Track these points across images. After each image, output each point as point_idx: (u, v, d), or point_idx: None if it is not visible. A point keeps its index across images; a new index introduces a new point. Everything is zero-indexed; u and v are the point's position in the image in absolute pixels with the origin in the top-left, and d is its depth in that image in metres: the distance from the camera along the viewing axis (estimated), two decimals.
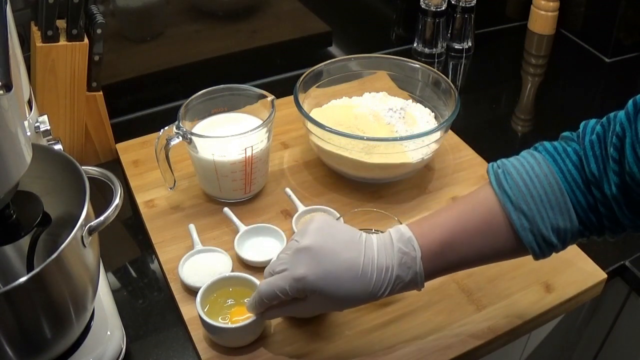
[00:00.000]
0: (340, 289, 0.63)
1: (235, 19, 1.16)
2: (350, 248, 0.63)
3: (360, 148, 0.89)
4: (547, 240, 0.61)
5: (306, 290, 0.63)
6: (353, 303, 0.66)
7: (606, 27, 1.29)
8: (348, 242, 0.64)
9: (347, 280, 0.62)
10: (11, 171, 0.56)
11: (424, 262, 0.63)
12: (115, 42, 1.05)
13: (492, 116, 1.18)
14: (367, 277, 0.62)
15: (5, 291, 0.54)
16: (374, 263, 0.63)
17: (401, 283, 0.63)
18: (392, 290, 0.63)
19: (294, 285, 0.63)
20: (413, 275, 0.63)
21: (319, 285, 0.62)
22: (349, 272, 0.62)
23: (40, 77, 0.90)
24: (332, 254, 0.63)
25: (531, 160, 0.63)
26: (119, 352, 0.72)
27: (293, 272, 0.63)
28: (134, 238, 0.92)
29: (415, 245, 0.63)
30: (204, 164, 0.88)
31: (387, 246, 0.63)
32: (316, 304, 0.65)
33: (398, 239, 0.64)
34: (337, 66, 1.03)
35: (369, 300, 0.64)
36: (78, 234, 0.60)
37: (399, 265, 0.63)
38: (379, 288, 0.63)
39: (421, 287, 0.65)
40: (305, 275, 0.62)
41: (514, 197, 0.61)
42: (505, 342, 0.78)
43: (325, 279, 0.62)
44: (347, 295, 0.63)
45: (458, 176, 0.98)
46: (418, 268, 0.63)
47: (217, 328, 0.71)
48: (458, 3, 1.26)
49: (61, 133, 0.95)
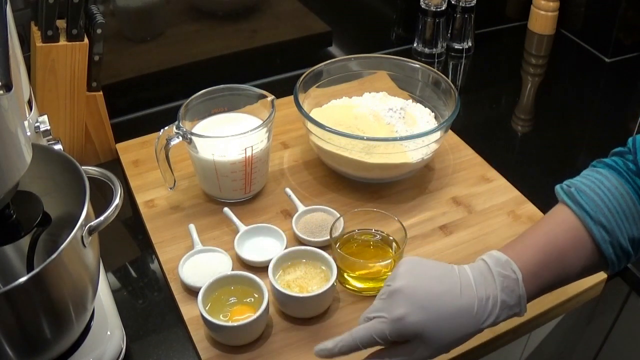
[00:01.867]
0: (443, 324, 0.60)
1: (235, 19, 1.16)
2: (444, 282, 0.61)
3: (360, 148, 0.89)
4: (625, 251, 0.63)
5: (407, 331, 0.60)
6: (458, 337, 0.61)
7: (606, 27, 1.29)
8: (441, 276, 0.62)
9: (447, 314, 0.59)
10: (11, 171, 0.56)
11: (525, 284, 0.61)
12: (115, 42, 1.05)
13: (492, 116, 1.18)
14: (468, 307, 0.60)
15: (5, 291, 0.54)
16: (472, 291, 0.60)
17: (506, 309, 0.61)
18: (498, 317, 0.61)
19: (394, 328, 0.60)
20: (517, 299, 0.61)
21: (420, 324, 0.59)
22: (447, 306, 0.60)
23: (40, 77, 0.90)
24: (428, 290, 0.60)
25: (598, 176, 0.64)
26: (119, 352, 0.72)
27: (391, 314, 0.60)
28: (134, 238, 0.92)
29: (514, 268, 0.61)
30: (204, 164, 0.88)
31: (485, 273, 0.61)
32: (419, 348, 0.61)
33: (495, 264, 0.62)
34: (337, 66, 1.03)
35: (475, 331, 0.61)
36: (78, 234, 0.60)
37: (502, 290, 0.60)
38: (482, 316, 0.60)
39: (524, 312, 0.62)
40: (405, 315, 0.59)
41: (592, 212, 0.62)
42: (505, 342, 0.78)
43: (425, 316, 0.59)
44: (451, 329, 0.60)
45: (458, 176, 0.98)
46: (521, 291, 0.61)
47: (219, 326, 0.71)
48: (458, 3, 1.26)
49: (61, 133, 0.95)
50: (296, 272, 0.79)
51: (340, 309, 0.78)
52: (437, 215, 0.91)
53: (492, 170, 0.99)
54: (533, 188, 0.96)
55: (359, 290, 0.80)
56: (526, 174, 1.01)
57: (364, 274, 0.79)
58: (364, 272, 0.79)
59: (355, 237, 0.84)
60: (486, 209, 0.92)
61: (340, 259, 0.79)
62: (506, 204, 0.93)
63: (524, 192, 0.95)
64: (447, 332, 0.60)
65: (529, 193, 0.94)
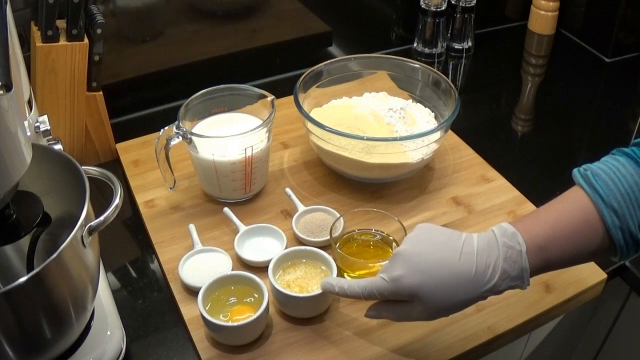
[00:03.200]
0: (439, 287, 0.62)
1: (235, 19, 1.16)
2: (445, 248, 0.64)
3: (360, 148, 0.89)
4: (635, 238, 0.63)
5: (403, 292, 0.63)
6: (456, 301, 0.63)
7: (606, 27, 1.29)
8: (444, 242, 0.64)
9: (444, 278, 0.62)
10: (11, 171, 0.56)
11: (529, 256, 0.63)
12: (115, 42, 1.05)
13: (492, 116, 1.18)
14: (466, 273, 0.62)
15: (5, 291, 0.54)
16: (472, 256, 0.62)
17: (507, 279, 0.62)
18: (497, 285, 0.62)
19: (391, 287, 0.64)
20: (519, 270, 0.63)
21: (415, 286, 0.63)
22: (444, 271, 0.62)
23: (40, 77, 0.90)
24: (427, 255, 0.63)
25: (615, 163, 0.65)
26: (119, 352, 0.72)
27: (390, 274, 0.64)
28: (134, 238, 0.92)
29: (519, 240, 0.63)
30: (204, 164, 0.88)
31: (491, 242, 0.63)
32: (417, 308, 0.64)
33: (501, 234, 0.64)
34: (337, 66, 1.03)
35: (474, 297, 0.63)
36: (78, 234, 0.60)
37: (505, 260, 0.62)
38: (481, 283, 0.62)
39: (527, 285, 0.64)
40: (400, 277, 0.63)
41: (605, 195, 0.63)
42: (505, 342, 0.78)
43: (421, 279, 0.62)
44: (448, 293, 0.62)
45: (458, 176, 0.98)
46: (524, 262, 0.63)
47: (219, 326, 0.71)
48: (458, 3, 1.26)
49: (61, 133, 0.95)
50: (296, 272, 0.79)
51: (340, 309, 0.78)
52: (437, 215, 0.91)
53: (492, 170, 0.99)
54: (533, 188, 0.96)
55: None
56: (526, 174, 1.01)
57: (364, 274, 0.79)
58: (364, 272, 0.79)
59: (355, 237, 0.84)
60: (486, 209, 0.92)
61: (340, 259, 0.79)
62: (506, 204, 0.93)
63: (524, 192, 0.95)
64: (443, 296, 0.63)
65: (529, 193, 0.94)
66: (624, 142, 0.68)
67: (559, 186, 0.99)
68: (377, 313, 0.70)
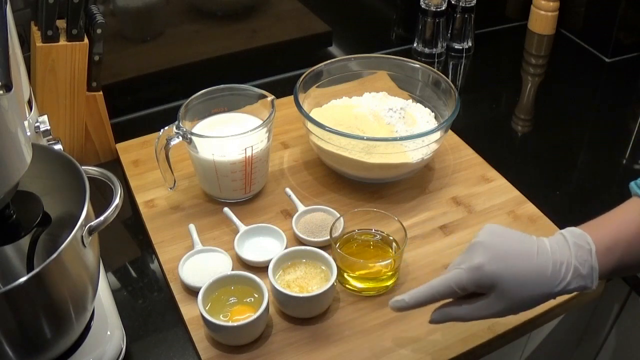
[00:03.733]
0: (519, 277, 0.62)
1: (235, 19, 1.16)
2: (523, 242, 0.64)
3: (360, 148, 0.89)
4: None
5: (484, 280, 0.62)
6: (533, 295, 0.63)
7: (606, 27, 1.29)
8: (521, 237, 0.65)
9: (524, 267, 0.62)
10: (11, 171, 0.56)
11: (598, 256, 0.63)
12: (115, 42, 1.05)
13: (492, 116, 1.18)
14: (543, 264, 0.63)
15: (5, 291, 0.54)
16: (548, 254, 0.63)
17: (578, 277, 0.63)
18: (569, 284, 0.63)
19: (472, 276, 0.63)
20: (589, 269, 0.63)
21: (497, 273, 0.62)
22: (525, 259, 0.63)
23: (40, 77, 0.90)
24: (507, 245, 0.64)
25: None
26: (119, 352, 0.72)
27: (470, 262, 0.63)
28: (134, 238, 0.92)
29: (589, 240, 0.64)
30: (204, 164, 0.88)
31: (561, 242, 0.64)
32: (496, 302, 0.63)
33: (571, 235, 0.65)
34: (337, 66, 1.03)
35: (548, 294, 0.63)
36: (78, 234, 0.60)
37: (576, 258, 0.63)
38: (556, 279, 0.63)
39: (595, 285, 0.64)
40: (483, 263, 0.62)
41: None
42: (505, 342, 0.78)
43: (502, 267, 0.62)
44: (526, 284, 0.62)
45: (458, 176, 0.98)
46: (593, 261, 0.63)
47: (219, 326, 0.72)
48: (458, 3, 1.26)
49: (61, 133, 0.95)
50: (296, 272, 0.79)
51: (340, 309, 0.78)
52: (437, 215, 0.91)
53: (492, 170, 0.99)
54: (533, 188, 0.96)
55: (359, 290, 0.80)
56: (526, 174, 1.01)
57: (364, 274, 0.79)
58: (364, 272, 0.79)
59: (355, 237, 0.84)
60: (486, 209, 0.92)
61: (340, 259, 0.79)
62: (506, 204, 0.93)
63: (524, 192, 0.95)
64: (521, 287, 0.62)
65: (529, 193, 0.94)
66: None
67: (559, 186, 1.00)
68: (445, 314, 0.67)
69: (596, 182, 1.01)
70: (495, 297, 0.63)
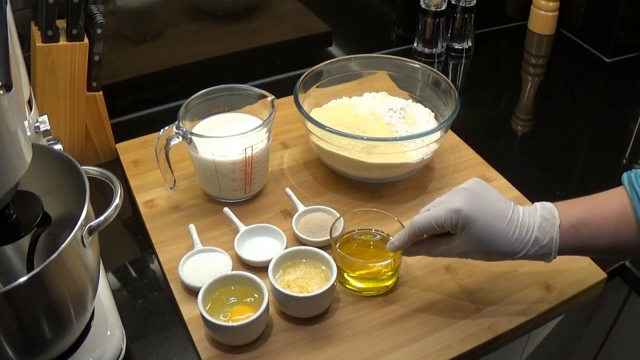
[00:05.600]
0: (488, 231, 0.68)
1: (235, 19, 1.16)
2: (502, 200, 0.71)
3: (360, 148, 0.89)
4: None
5: (459, 223, 0.68)
6: (495, 250, 0.69)
7: (606, 27, 1.29)
8: (500, 196, 0.71)
9: (495, 224, 0.68)
10: (11, 171, 0.56)
11: (561, 232, 0.68)
12: (115, 42, 1.05)
13: (492, 116, 1.18)
14: (511, 228, 0.68)
15: (5, 291, 0.54)
16: (519, 219, 0.69)
17: (537, 245, 0.68)
18: (528, 251, 0.69)
19: (449, 216, 0.69)
20: (549, 240, 0.68)
21: (471, 219, 0.68)
22: (498, 219, 0.68)
23: (40, 77, 0.90)
24: (487, 198, 0.70)
25: None
26: (119, 352, 0.72)
27: (451, 204, 0.69)
28: (134, 238, 0.92)
29: (555, 214, 0.69)
30: (204, 164, 0.88)
31: (531, 211, 0.70)
32: (462, 244, 0.70)
33: (541, 207, 0.70)
34: (337, 66, 1.03)
35: (507, 254, 0.69)
36: (78, 234, 0.60)
37: (539, 228, 0.68)
38: (519, 244, 0.68)
39: (553, 258, 0.69)
40: (462, 208, 0.68)
41: None
42: (505, 342, 0.78)
43: (477, 216, 0.68)
44: (492, 240, 0.69)
45: (458, 176, 0.98)
46: (555, 234, 0.68)
47: (219, 326, 0.71)
48: (458, 3, 1.26)
49: (61, 133, 0.95)
50: (296, 272, 0.79)
51: (340, 309, 0.78)
52: None
53: (492, 170, 0.99)
54: (533, 188, 0.96)
55: (359, 290, 0.80)
56: (526, 174, 1.01)
57: (364, 274, 0.79)
58: (364, 272, 0.79)
59: (355, 237, 0.84)
60: None
61: (340, 259, 0.79)
62: None
63: (524, 192, 0.95)
64: (489, 240, 0.69)
65: (529, 193, 0.94)
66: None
67: (559, 186, 1.00)
68: (415, 249, 0.75)
69: (596, 182, 1.01)
70: (464, 239, 0.70)
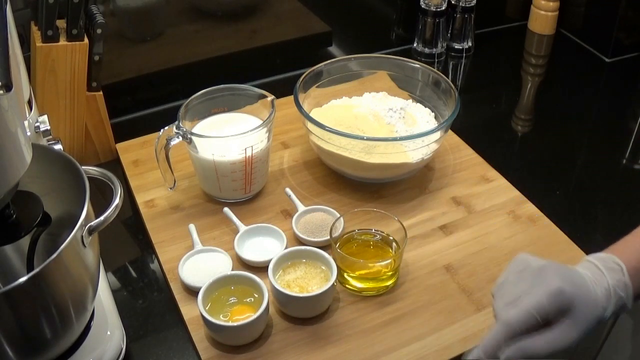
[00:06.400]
0: (587, 299, 0.60)
1: (235, 19, 1.16)
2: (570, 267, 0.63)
3: (360, 148, 0.89)
4: None
5: (566, 303, 0.59)
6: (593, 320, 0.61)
7: (606, 27, 1.29)
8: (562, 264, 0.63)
9: (587, 291, 0.60)
10: (11, 171, 0.56)
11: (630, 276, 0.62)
12: (115, 42, 1.05)
13: (492, 116, 1.18)
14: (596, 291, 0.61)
15: (5, 291, 0.54)
16: (590, 278, 0.62)
17: (618, 298, 0.62)
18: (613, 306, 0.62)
19: (554, 300, 0.59)
20: (624, 288, 0.62)
21: (575, 295, 0.59)
22: (584, 288, 0.60)
23: (40, 77, 0.90)
24: (567, 268, 0.62)
25: None
26: (119, 352, 0.72)
27: (547, 287, 0.59)
28: (134, 238, 0.92)
29: (617, 261, 0.63)
30: (204, 164, 0.88)
31: (592, 269, 0.63)
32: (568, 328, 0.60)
33: (598, 260, 0.64)
34: (337, 66, 1.03)
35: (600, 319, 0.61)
36: (78, 234, 0.60)
37: (612, 280, 0.62)
38: (606, 303, 0.61)
39: (631, 304, 0.63)
40: (561, 286, 0.59)
41: None
42: None
43: (576, 289, 0.60)
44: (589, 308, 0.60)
45: (458, 176, 0.98)
46: (627, 280, 0.62)
47: (219, 326, 0.72)
48: (458, 3, 1.26)
49: (61, 133, 0.95)
50: (296, 272, 0.79)
51: (340, 309, 0.78)
52: (437, 215, 0.91)
53: (492, 170, 0.99)
54: (533, 188, 0.96)
55: (359, 290, 0.80)
56: (526, 174, 1.01)
57: (364, 274, 0.79)
58: (364, 272, 0.79)
59: (355, 237, 0.84)
60: (486, 209, 0.92)
61: (340, 259, 0.79)
62: (506, 204, 0.93)
63: (524, 192, 0.95)
64: (589, 309, 0.60)
65: (529, 193, 0.94)
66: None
67: (559, 186, 1.00)
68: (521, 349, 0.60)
69: (596, 182, 1.01)
70: (570, 323, 0.59)
